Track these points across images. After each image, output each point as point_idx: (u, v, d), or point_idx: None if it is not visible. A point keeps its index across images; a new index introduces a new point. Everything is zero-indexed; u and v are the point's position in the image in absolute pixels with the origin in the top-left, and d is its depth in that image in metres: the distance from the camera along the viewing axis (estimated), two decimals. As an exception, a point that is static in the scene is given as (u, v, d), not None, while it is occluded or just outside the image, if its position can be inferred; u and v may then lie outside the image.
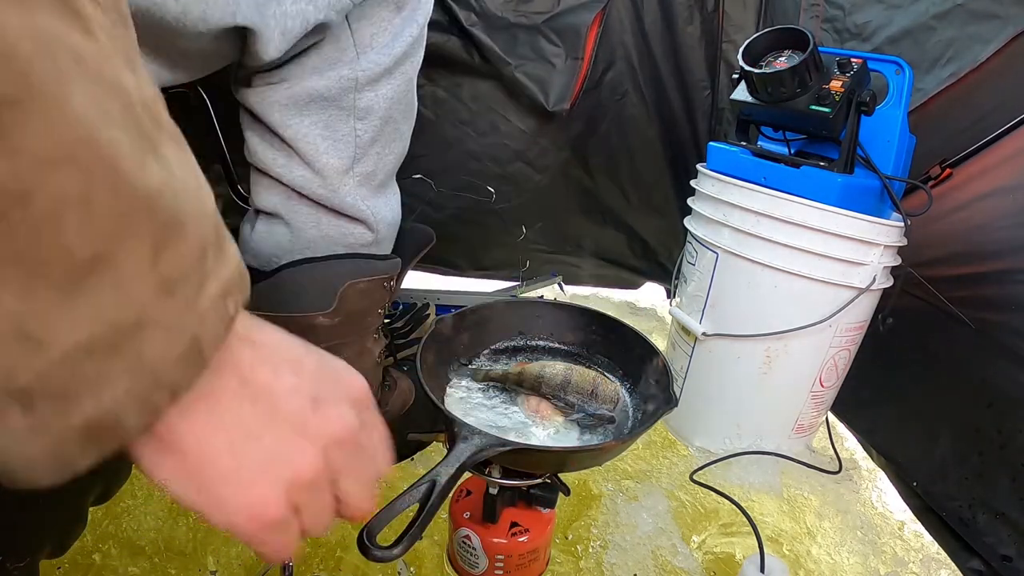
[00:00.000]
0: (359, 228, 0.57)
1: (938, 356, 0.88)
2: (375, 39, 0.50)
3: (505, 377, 0.68)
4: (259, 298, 0.53)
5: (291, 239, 0.55)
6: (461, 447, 0.50)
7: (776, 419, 0.95)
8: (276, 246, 0.56)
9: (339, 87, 0.50)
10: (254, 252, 0.57)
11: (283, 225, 0.55)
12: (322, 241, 0.56)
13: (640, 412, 0.66)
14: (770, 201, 0.82)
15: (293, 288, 0.53)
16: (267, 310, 0.54)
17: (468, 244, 1.32)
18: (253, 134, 0.53)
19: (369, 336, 0.61)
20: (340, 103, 0.50)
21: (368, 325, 0.60)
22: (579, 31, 1.09)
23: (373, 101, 0.52)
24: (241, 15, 0.42)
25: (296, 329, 0.55)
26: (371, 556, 0.41)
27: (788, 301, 0.85)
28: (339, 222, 0.56)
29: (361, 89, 0.51)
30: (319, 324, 0.55)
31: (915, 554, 0.82)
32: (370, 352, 0.62)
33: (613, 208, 1.29)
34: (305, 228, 0.55)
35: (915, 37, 0.91)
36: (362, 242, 0.57)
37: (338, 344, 0.58)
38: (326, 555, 0.74)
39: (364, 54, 0.50)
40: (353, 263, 0.56)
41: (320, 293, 0.54)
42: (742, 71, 0.82)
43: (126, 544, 0.73)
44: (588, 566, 0.76)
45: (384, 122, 0.54)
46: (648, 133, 1.20)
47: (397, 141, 0.57)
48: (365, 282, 0.56)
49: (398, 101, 0.54)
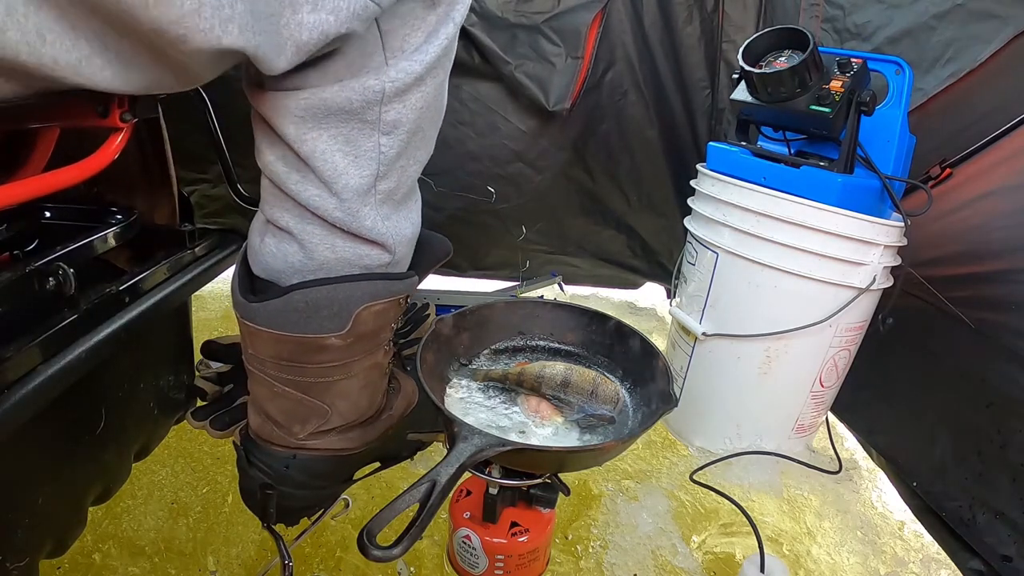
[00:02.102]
0: (376, 250, 0.53)
1: (937, 356, 0.88)
2: (407, 41, 0.44)
3: (505, 377, 0.68)
4: (270, 317, 0.51)
5: (303, 259, 0.52)
6: (461, 447, 0.50)
7: (776, 419, 0.95)
8: (287, 264, 0.53)
9: (363, 99, 0.44)
10: (264, 268, 0.54)
11: (295, 244, 0.51)
12: (336, 263, 0.52)
13: (640, 412, 0.66)
14: (770, 201, 0.82)
15: (305, 310, 0.50)
16: (278, 329, 0.51)
17: (468, 244, 1.32)
18: (264, 141, 0.48)
19: (380, 350, 0.59)
20: (364, 116, 0.45)
21: (381, 341, 0.58)
22: (579, 30, 1.09)
23: (401, 114, 0.46)
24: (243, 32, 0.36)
25: (308, 349, 0.53)
26: (371, 556, 0.41)
27: (788, 301, 0.85)
28: (355, 245, 0.52)
29: (389, 102, 0.45)
30: (331, 345, 0.53)
31: (915, 554, 0.82)
32: (380, 365, 0.61)
33: (613, 208, 1.29)
34: (318, 250, 0.51)
35: (915, 37, 0.91)
36: (379, 263, 0.54)
37: (349, 362, 0.56)
38: (326, 555, 0.74)
39: (394, 61, 0.44)
40: (370, 285, 0.52)
41: (333, 315, 0.51)
42: (742, 71, 0.82)
43: (126, 544, 0.73)
44: (588, 566, 0.76)
45: (412, 135, 0.48)
46: (648, 133, 1.20)
47: (423, 149, 0.52)
48: (381, 304, 0.53)
49: (428, 108, 0.48)
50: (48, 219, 0.69)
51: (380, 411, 0.65)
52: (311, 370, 0.54)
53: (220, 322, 1.28)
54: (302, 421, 0.58)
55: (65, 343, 0.54)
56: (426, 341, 0.65)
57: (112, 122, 0.47)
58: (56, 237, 0.62)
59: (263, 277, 0.54)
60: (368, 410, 0.62)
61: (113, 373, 0.67)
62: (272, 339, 0.52)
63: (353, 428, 0.63)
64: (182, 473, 0.85)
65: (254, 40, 0.37)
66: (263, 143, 0.48)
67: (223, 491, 0.82)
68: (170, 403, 0.80)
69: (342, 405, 0.59)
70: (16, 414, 0.48)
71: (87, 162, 0.51)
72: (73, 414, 0.60)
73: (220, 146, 0.96)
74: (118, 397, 0.68)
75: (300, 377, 0.54)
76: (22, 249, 0.61)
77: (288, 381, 0.55)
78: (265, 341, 0.52)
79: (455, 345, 0.72)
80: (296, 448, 0.61)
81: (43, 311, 0.55)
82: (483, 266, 1.37)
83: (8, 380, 0.48)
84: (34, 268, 0.54)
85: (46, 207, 0.69)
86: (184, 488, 0.82)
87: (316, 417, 0.58)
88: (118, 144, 0.52)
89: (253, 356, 0.54)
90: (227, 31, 0.35)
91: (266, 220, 0.53)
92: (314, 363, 0.54)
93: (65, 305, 0.56)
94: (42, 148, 0.61)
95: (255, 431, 0.61)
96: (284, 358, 0.53)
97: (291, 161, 0.47)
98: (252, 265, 0.55)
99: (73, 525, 0.64)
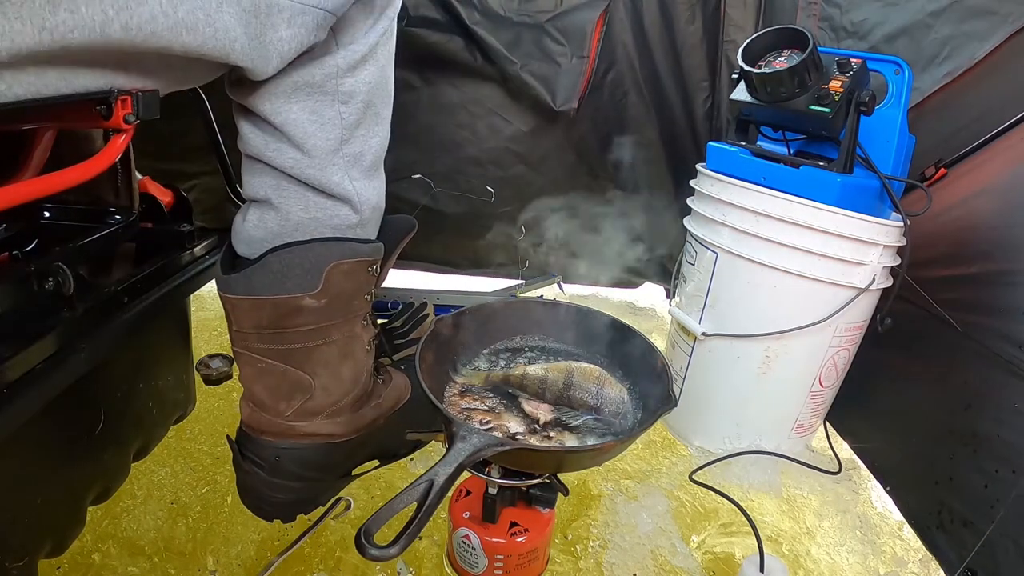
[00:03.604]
0: (344, 209, 0.60)
1: (921, 358, 0.87)
2: (352, 34, 0.56)
3: (506, 380, 0.68)
4: (248, 283, 0.57)
5: (280, 223, 0.59)
6: (459, 447, 0.50)
7: (775, 419, 0.95)
8: (267, 232, 0.59)
9: (323, 74, 0.55)
10: (246, 240, 0.61)
11: (272, 210, 0.59)
12: (309, 223, 0.59)
13: (639, 412, 0.66)
14: (770, 201, 0.82)
15: (280, 270, 0.56)
16: (255, 293, 0.57)
17: (468, 244, 1.33)
18: (245, 122, 0.58)
19: (357, 322, 0.64)
20: (325, 88, 0.55)
21: (355, 309, 0.63)
22: (584, 29, 1.08)
23: (355, 86, 0.57)
24: (239, 52, 0.47)
25: (285, 311, 0.58)
26: (368, 555, 0.41)
27: (788, 301, 0.85)
28: (326, 202, 0.59)
29: (343, 75, 0.56)
30: (306, 305, 0.58)
31: (914, 554, 0.82)
32: (359, 338, 0.64)
33: (613, 208, 1.29)
34: (293, 211, 0.58)
35: (911, 35, 0.91)
36: (348, 223, 0.61)
37: (327, 326, 0.60)
38: (326, 555, 0.74)
39: (343, 45, 0.55)
40: (338, 245, 0.59)
41: (305, 274, 0.57)
42: (742, 71, 0.82)
43: (126, 544, 0.73)
44: (588, 566, 0.76)
45: (366, 106, 0.58)
46: (648, 133, 1.20)
47: (379, 126, 0.62)
48: (349, 264, 0.59)
49: (377, 87, 0.59)
50: (47, 219, 0.69)
51: (368, 396, 0.67)
52: (290, 335, 0.59)
53: (220, 322, 1.28)
54: (287, 397, 0.62)
55: (64, 343, 0.54)
56: (426, 341, 0.65)
57: (115, 123, 0.48)
58: (56, 237, 0.62)
59: (245, 255, 0.61)
60: (352, 387, 0.64)
61: (112, 373, 0.67)
62: (251, 306, 0.57)
63: (341, 412, 0.64)
64: (182, 473, 0.85)
65: (251, 57, 0.49)
66: (244, 126, 0.58)
67: (223, 491, 0.82)
68: (169, 403, 0.80)
69: (324, 376, 0.62)
70: (15, 414, 0.48)
71: (91, 163, 0.51)
72: (72, 414, 0.60)
73: (219, 146, 0.96)
74: (117, 397, 0.68)
75: (280, 344, 0.59)
76: (22, 249, 0.61)
77: (270, 352, 0.60)
78: (246, 311, 0.58)
79: (455, 345, 0.72)
80: (285, 434, 0.62)
81: (42, 311, 0.55)
82: (483, 266, 1.38)
83: (8, 380, 0.48)
84: (34, 268, 0.55)
85: (45, 207, 0.69)
86: (184, 488, 0.82)
87: (300, 392, 0.61)
88: (120, 145, 0.52)
89: (237, 333, 0.60)
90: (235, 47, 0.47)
91: (247, 201, 0.61)
92: (292, 327, 0.59)
93: (64, 305, 0.56)
94: (42, 149, 0.62)
95: (245, 422, 0.64)
96: (264, 326, 0.58)
97: (268, 132, 0.56)
98: (235, 244, 0.62)
99: (72, 525, 0.64)
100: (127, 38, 0.41)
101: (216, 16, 0.45)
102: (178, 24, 0.43)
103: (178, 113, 0.77)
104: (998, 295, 0.75)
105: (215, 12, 0.45)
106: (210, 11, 0.45)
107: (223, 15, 0.45)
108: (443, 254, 1.36)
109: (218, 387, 1.03)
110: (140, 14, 0.41)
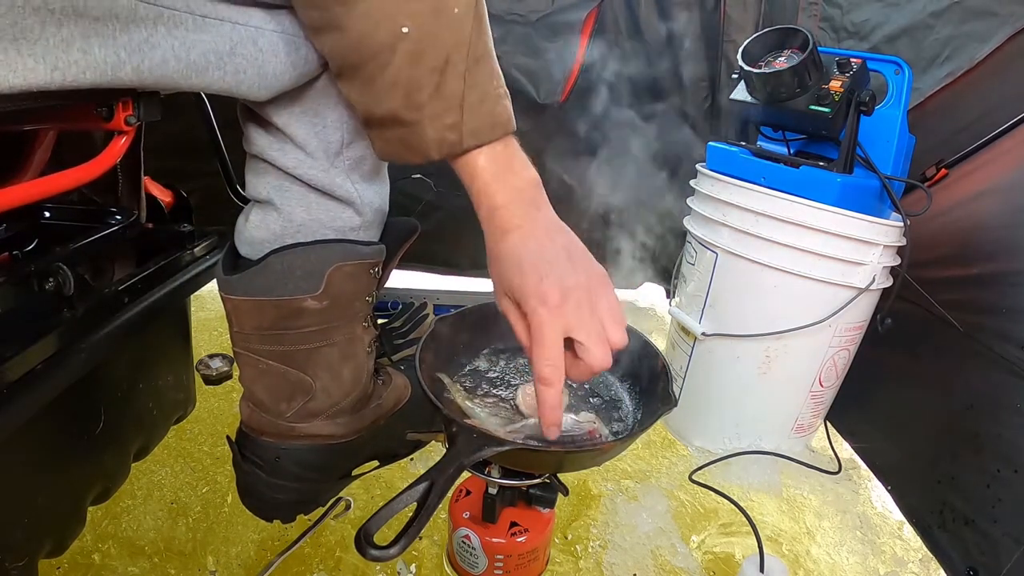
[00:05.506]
0: (347, 211, 0.60)
1: (923, 358, 0.87)
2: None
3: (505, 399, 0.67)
4: (249, 285, 0.56)
5: (282, 225, 0.59)
6: (459, 447, 0.50)
7: (775, 419, 0.95)
8: (269, 233, 0.59)
9: (325, 79, 0.54)
10: (249, 241, 0.60)
11: (275, 211, 0.58)
12: (311, 224, 0.59)
13: (639, 412, 0.66)
14: (769, 201, 0.82)
15: (282, 271, 0.56)
16: (257, 294, 0.56)
17: (468, 244, 1.32)
18: (250, 123, 0.57)
19: (358, 324, 0.63)
20: (327, 92, 0.55)
21: (356, 311, 0.62)
22: (573, 27, 1.09)
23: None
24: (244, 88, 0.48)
25: (286, 312, 0.58)
26: (368, 555, 0.41)
27: (788, 301, 0.85)
28: (328, 204, 0.59)
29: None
30: (308, 307, 0.57)
31: (914, 554, 0.82)
32: (360, 339, 0.64)
33: (612, 208, 1.29)
34: (295, 212, 0.58)
35: (912, 35, 0.91)
36: (350, 225, 0.60)
37: (328, 328, 0.60)
38: (326, 555, 0.74)
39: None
40: (340, 247, 0.58)
41: (307, 276, 0.56)
42: (742, 71, 0.82)
43: (126, 544, 0.73)
44: (588, 566, 0.76)
45: None
46: (648, 133, 1.20)
47: None
48: (351, 266, 0.59)
49: None
50: (48, 219, 0.69)
51: (368, 398, 0.67)
52: (291, 336, 0.58)
53: (220, 322, 1.28)
54: (288, 398, 0.61)
55: (64, 343, 0.54)
56: (425, 341, 0.65)
57: (117, 125, 0.48)
58: (56, 237, 0.62)
59: (247, 256, 0.60)
60: (353, 389, 0.64)
61: (112, 373, 0.67)
62: (253, 307, 0.57)
63: (341, 413, 0.64)
64: (182, 473, 0.85)
65: (255, 91, 0.50)
66: (249, 125, 0.57)
67: (223, 491, 0.82)
68: (169, 403, 0.80)
69: (325, 377, 0.61)
70: (16, 414, 0.48)
71: (92, 164, 0.51)
72: (72, 414, 0.60)
73: (220, 147, 0.96)
74: (117, 397, 0.68)
75: (281, 346, 0.59)
76: (22, 249, 0.61)
77: (271, 353, 0.59)
78: (247, 312, 0.57)
79: (455, 345, 0.72)
80: (285, 435, 0.62)
81: (42, 311, 0.55)
82: (483, 266, 1.37)
83: (8, 380, 0.48)
84: (34, 268, 0.55)
85: (46, 207, 0.69)
86: (184, 488, 0.82)
87: (301, 393, 0.61)
88: (122, 146, 0.52)
89: (238, 334, 0.59)
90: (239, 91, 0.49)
91: (250, 203, 0.61)
92: (294, 328, 0.58)
93: (64, 305, 0.56)
94: (43, 150, 0.62)
95: (245, 422, 0.64)
96: (265, 327, 0.58)
97: (273, 133, 0.56)
98: (238, 245, 0.61)
99: (72, 525, 0.64)
100: (137, 79, 0.41)
101: (228, 60, 0.45)
102: (189, 67, 0.43)
103: (178, 113, 0.77)
104: (1000, 296, 0.75)
105: (227, 56, 0.45)
106: (222, 55, 0.45)
107: (236, 58, 0.46)
108: (443, 254, 1.36)
109: (218, 387, 1.03)
110: (152, 58, 0.41)
